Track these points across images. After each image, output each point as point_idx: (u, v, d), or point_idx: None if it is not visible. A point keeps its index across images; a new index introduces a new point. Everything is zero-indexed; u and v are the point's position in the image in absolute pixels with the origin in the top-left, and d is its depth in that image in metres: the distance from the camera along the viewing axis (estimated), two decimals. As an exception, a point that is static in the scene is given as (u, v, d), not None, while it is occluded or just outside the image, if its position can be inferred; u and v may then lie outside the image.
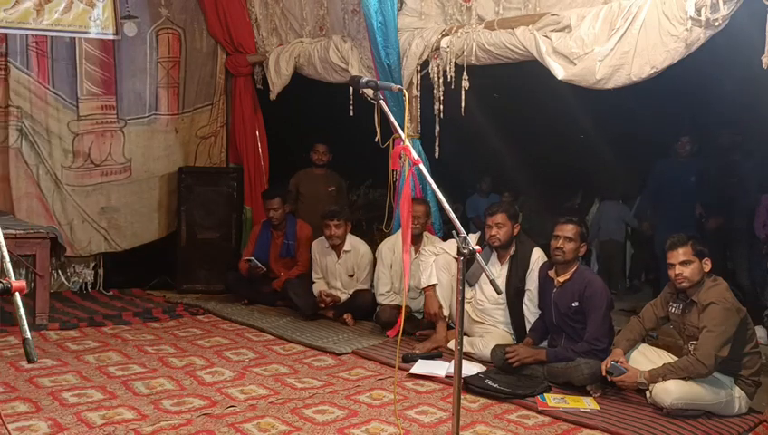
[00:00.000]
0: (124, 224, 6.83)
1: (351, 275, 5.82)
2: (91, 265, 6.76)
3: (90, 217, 6.66)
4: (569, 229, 4.26)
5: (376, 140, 5.58)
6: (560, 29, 4.60)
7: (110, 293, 6.69)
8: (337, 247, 5.80)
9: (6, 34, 6.19)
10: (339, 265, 5.85)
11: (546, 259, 4.58)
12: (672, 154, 6.45)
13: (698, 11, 3.92)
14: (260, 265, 6.08)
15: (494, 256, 4.85)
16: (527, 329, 4.64)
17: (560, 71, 4.57)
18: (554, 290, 4.34)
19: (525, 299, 4.71)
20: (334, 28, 6.23)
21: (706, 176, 6.22)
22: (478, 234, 5.07)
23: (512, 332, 4.83)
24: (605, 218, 7.38)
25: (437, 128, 5.39)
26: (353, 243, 5.83)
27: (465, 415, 3.65)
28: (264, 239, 6.25)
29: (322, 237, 5.86)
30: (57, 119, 6.48)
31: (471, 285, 4.97)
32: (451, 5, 5.36)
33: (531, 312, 4.66)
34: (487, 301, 4.89)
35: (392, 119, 2.87)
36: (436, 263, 4.94)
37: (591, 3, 4.58)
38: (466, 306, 4.96)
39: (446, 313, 4.92)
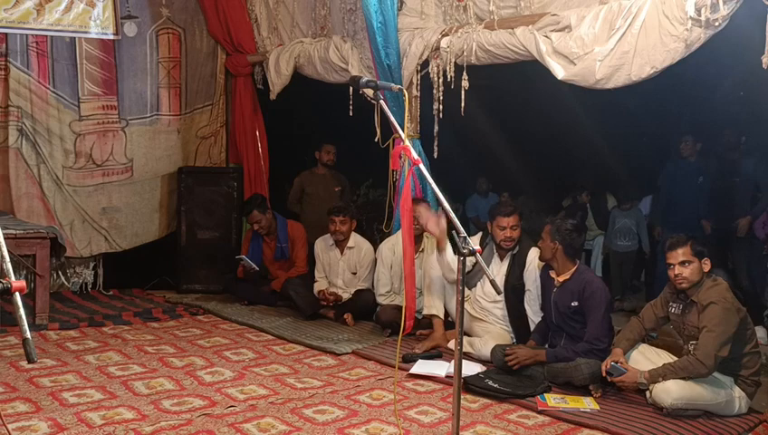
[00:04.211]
0: (125, 224, 6.83)
1: (354, 273, 5.82)
2: (91, 265, 6.76)
3: (90, 218, 6.66)
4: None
5: (376, 140, 5.59)
6: (560, 29, 4.61)
7: (110, 293, 6.68)
8: (340, 244, 5.82)
9: (6, 34, 6.19)
10: (342, 262, 5.85)
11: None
12: (676, 155, 6.43)
13: (698, 11, 3.92)
14: (252, 263, 6.09)
15: (494, 254, 4.88)
16: (530, 329, 4.66)
17: (560, 71, 4.57)
18: (554, 290, 4.35)
19: (525, 300, 4.72)
20: (335, 28, 6.23)
21: (711, 176, 6.21)
22: (480, 234, 5.07)
23: (510, 330, 4.84)
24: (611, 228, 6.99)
25: (436, 128, 5.39)
26: (357, 241, 5.85)
27: (465, 415, 3.65)
28: (256, 244, 6.26)
29: (326, 235, 5.88)
30: (58, 119, 6.47)
31: (470, 287, 4.98)
32: (450, 5, 5.36)
33: (533, 312, 4.68)
34: (486, 298, 4.91)
35: (392, 119, 2.87)
36: (426, 265, 4.97)
37: (589, 2, 4.58)
38: (466, 305, 4.96)
39: (439, 312, 4.95)
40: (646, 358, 4.01)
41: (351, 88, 5.43)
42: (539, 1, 4.84)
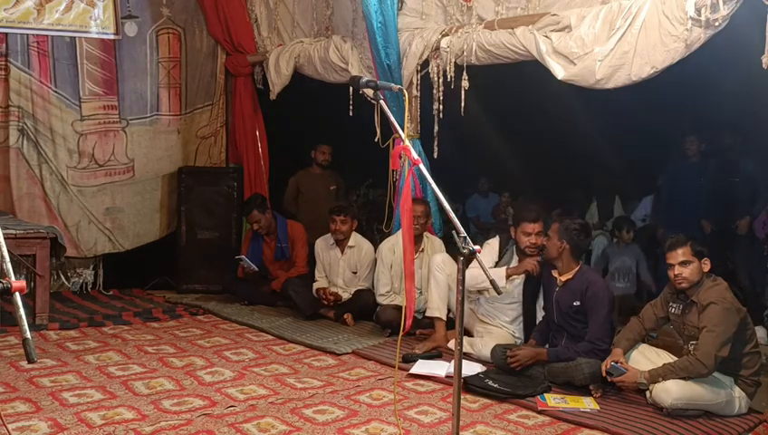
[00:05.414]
0: (127, 224, 6.84)
1: (355, 272, 5.82)
2: (91, 265, 6.76)
3: (95, 218, 6.67)
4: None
5: (376, 139, 5.59)
6: (560, 29, 4.61)
7: (110, 293, 6.68)
8: (341, 243, 5.82)
9: (6, 34, 6.19)
10: (342, 262, 5.85)
11: None
12: (679, 155, 6.44)
13: (698, 11, 3.93)
14: (251, 263, 6.09)
15: (515, 259, 4.82)
16: None
17: (560, 71, 4.57)
18: (557, 289, 4.35)
19: (539, 302, 4.72)
20: (338, 29, 6.21)
21: (711, 176, 6.21)
22: (497, 238, 4.99)
23: (519, 332, 4.83)
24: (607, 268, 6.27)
25: (436, 128, 5.39)
26: (357, 240, 5.85)
27: (465, 415, 3.65)
28: (256, 244, 6.27)
29: (327, 235, 5.88)
30: (61, 119, 6.47)
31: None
32: (452, 5, 5.36)
33: (542, 313, 4.68)
34: (501, 301, 4.84)
35: (392, 119, 2.87)
36: (433, 265, 4.97)
37: (591, 3, 4.58)
38: (472, 305, 4.95)
39: (442, 314, 4.94)
40: (646, 358, 4.01)
41: (351, 88, 5.42)
42: (543, 2, 4.84)
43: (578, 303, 4.22)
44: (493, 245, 4.94)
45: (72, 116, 6.54)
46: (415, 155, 2.70)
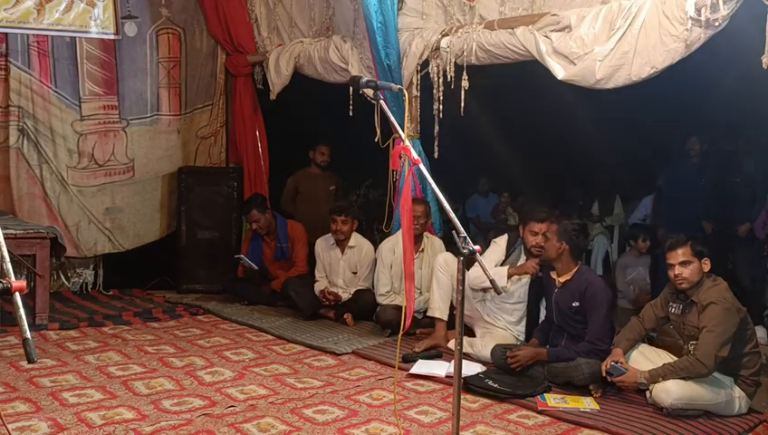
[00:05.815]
0: (127, 224, 6.84)
1: (355, 273, 5.82)
2: (92, 265, 6.76)
3: (95, 218, 6.67)
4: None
5: (376, 140, 5.59)
6: (560, 29, 4.60)
7: (110, 293, 6.68)
8: (341, 244, 5.82)
9: (6, 34, 6.19)
10: (342, 262, 5.85)
11: None
12: (680, 155, 6.43)
13: (698, 11, 3.92)
14: (250, 263, 6.09)
15: (522, 258, 4.83)
16: None
17: (560, 71, 4.57)
18: (556, 290, 4.35)
19: (542, 300, 4.72)
20: (339, 28, 6.21)
21: (711, 176, 6.21)
22: (506, 236, 5.01)
23: (523, 334, 4.83)
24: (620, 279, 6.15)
25: (436, 128, 5.39)
26: (357, 240, 5.85)
27: (465, 415, 3.65)
28: (256, 244, 6.27)
29: (327, 235, 5.88)
30: (61, 118, 6.47)
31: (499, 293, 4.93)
32: (454, 5, 5.35)
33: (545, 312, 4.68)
34: (507, 301, 4.84)
35: (392, 119, 2.87)
36: (436, 266, 4.97)
37: (591, 3, 4.58)
38: (478, 305, 4.95)
39: (443, 314, 4.93)
40: (646, 358, 4.01)
41: (351, 88, 5.42)
42: (547, 2, 4.83)
43: (577, 303, 4.22)
44: (500, 243, 4.96)
45: (72, 116, 6.54)
46: (415, 155, 2.70)
